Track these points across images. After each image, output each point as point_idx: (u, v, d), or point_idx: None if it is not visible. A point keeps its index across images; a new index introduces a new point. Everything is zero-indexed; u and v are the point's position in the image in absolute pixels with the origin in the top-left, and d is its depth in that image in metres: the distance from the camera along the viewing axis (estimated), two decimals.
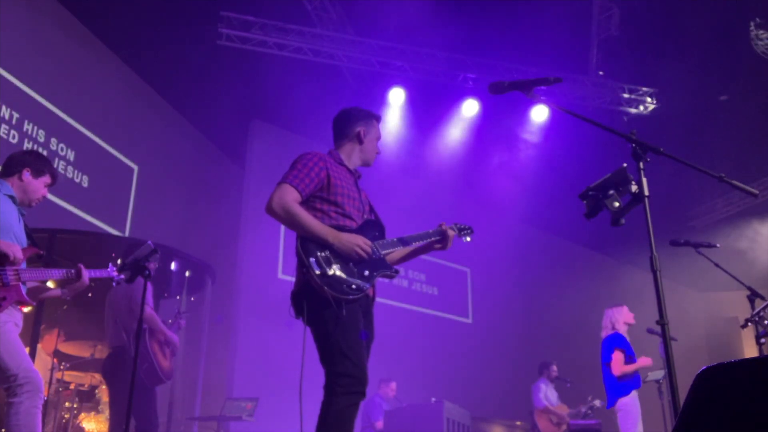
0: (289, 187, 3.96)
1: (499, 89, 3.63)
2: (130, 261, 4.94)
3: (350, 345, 3.80)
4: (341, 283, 3.82)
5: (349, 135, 4.39)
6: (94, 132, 9.73)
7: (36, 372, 4.33)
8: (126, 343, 6.24)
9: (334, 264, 3.84)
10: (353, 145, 4.38)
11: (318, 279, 3.75)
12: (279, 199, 3.92)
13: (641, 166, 3.22)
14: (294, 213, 3.89)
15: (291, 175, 4.02)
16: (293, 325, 4.09)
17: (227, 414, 8.87)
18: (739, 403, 1.97)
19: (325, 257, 3.83)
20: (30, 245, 4.64)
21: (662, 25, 10.00)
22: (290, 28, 10.25)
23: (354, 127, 4.39)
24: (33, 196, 4.79)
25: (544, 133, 11.97)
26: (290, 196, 3.93)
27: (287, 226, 3.95)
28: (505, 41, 10.38)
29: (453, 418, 8.85)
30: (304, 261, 3.79)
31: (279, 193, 3.94)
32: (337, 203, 4.08)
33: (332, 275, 3.81)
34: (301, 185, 3.98)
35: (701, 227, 14.97)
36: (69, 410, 7.27)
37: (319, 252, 3.83)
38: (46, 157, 5.04)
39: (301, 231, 3.87)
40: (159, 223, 10.55)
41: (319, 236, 3.86)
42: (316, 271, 3.77)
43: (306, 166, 4.07)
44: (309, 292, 3.82)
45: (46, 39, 9.08)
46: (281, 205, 3.90)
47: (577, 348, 12.45)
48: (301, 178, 4.01)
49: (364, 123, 4.41)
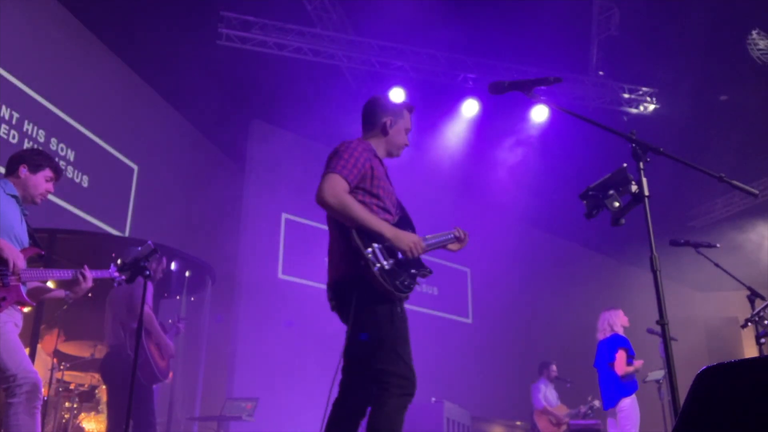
0: (339, 178, 3.79)
1: (499, 89, 3.62)
2: (130, 261, 4.92)
3: (403, 345, 3.71)
4: (397, 278, 3.70)
5: (376, 125, 4.24)
6: (94, 132, 9.73)
7: (35, 372, 4.32)
8: (124, 341, 6.23)
9: (390, 258, 3.71)
10: (379, 136, 4.22)
11: (377, 272, 3.61)
12: (332, 190, 3.75)
13: (641, 166, 3.22)
14: (348, 204, 3.73)
15: (339, 164, 3.84)
16: (293, 325, 4.07)
17: (227, 414, 8.86)
18: (739, 404, 1.97)
19: (382, 250, 3.70)
20: (31, 245, 4.63)
21: (662, 25, 10.00)
22: (290, 28, 10.25)
23: (380, 117, 4.23)
24: (34, 192, 4.72)
25: (544, 134, 11.96)
26: (341, 186, 3.77)
27: (341, 217, 3.77)
28: (505, 41, 10.38)
29: (453, 417, 8.86)
30: (361, 252, 3.63)
31: (330, 183, 3.77)
32: (378, 196, 3.95)
33: (389, 270, 3.67)
34: (350, 176, 3.83)
35: (701, 227, 14.98)
36: (69, 410, 7.26)
37: (375, 244, 3.70)
38: (45, 152, 4.99)
39: (356, 223, 3.70)
40: (159, 223, 10.55)
41: (376, 229, 3.72)
42: (376, 264, 3.63)
43: (352, 155, 3.90)
44: (362, 285, 3.67)
45: (47, 39, 9.08)
46: (335, 196, 3.73)
47: (577, 348, 12.44)
48: (350, 169, 3.84)
49: (391, 113, 4.25)
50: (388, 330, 3.66)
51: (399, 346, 3.67)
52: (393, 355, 3.64)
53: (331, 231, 3.99)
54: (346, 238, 3.73)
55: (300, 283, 11.64)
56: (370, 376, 3.69)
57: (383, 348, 3.65)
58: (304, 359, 10.64)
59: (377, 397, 3.61)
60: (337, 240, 3.88)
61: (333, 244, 3.96)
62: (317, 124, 11.26)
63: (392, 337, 3.66)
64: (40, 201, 4.79)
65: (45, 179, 4.77)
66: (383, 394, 3.60)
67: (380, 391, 3.61)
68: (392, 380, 3.60)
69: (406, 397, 3.64)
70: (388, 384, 3.60)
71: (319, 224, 12.16)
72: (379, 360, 3.64)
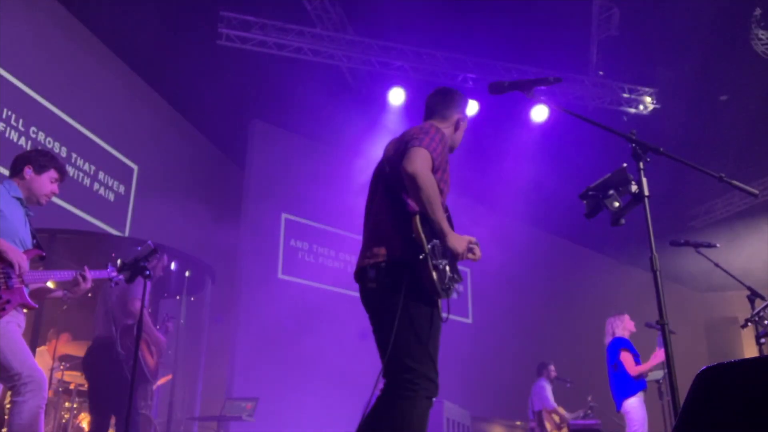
0: (429, 155, 3.50)
1: (499, 89, 3.62)
2: (130, 261, 4.92)
3: (436, 349, 3.55)
4: (445, 280, 3.51)
5: (447, 118, 4.02)
6: (94, 132, 9.74)
7: (40, 371, 4.33)
8: (114, 337, 6.18)
9: (443, 259, 3.51)
10: (450, 130, 4.00)
11: (433, 269, 3.41)
12: (425, 164, 3.46)
13: (641, 166, 3.23)
14: (434, 186, 3.47)
15: (432, 144, 3.55)
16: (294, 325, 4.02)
17: (227, 414, 8.86)
18: (739, 403, 1.97)
19: (438, 248, 3.49)
20: (34, 246, 4.63)
21: (662, 25, 10.00)
22: (290, 28, 10.25)
23: (455, 112, 4.05)
24: (39, 193, 4.71)
25: (544, 134, 11.96)
26: (429, 164, 3.49)
27: (420, 197, 3.44)
28: (505, 41, 10.37)
29: (453, 418, 8.86)
30: (423, 244, 3.43)
31: (423, 156, 3.48)
32: (443, 192, 3.69)
33: (442, 270, 3.48)
34: (437, 159, 3.55)
35: (701, 227, 14.98)
36: (69, 410, 7.27)
37: (434, 239, 3.49)
38: (50, 152, 4.98)
39: (430, 209, 3.45)
40: (159, 223, 10.55)
41: (442, 224, 3.50)
42: (433, 261, 3.42)
43: (441, 140, 3.66)
44: (413, 276, 3.46)
45: (46, 39, 9.08)
46: (426, 171, 3.44)
47: (577, 348, 12.46)
48: (439, 152, 3.58)
49: (462, 110, 4.09)
50: (427, 330, 3.51)
51: (432, 349, 3.53)
52: (426, 357, 3.49)
53: (384, 205, 3.73)
54: (407, 222, 3.51)
55: (300, 283, 11.64)
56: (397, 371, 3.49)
57: (418, 347, 3.48)
58: (303, 359, 10.65)
59: (406, 397, 3.43)
60: (394, 219, 3.63)
61: (385, 222, 3.69)
62: (317, 124, 11.27)
63: (428, 339, 3.51)
64: (45, 202, 4.77)
65: (50, 180, 4.75)
66: (413, 394, 3.43)
67: (410, 391, 3.43)
68: (422, 382, 3.45)
69: (430, 400, 3.50)
70: (418, 385, 3.44)
71: (319, 224, 12.25)
72: (411, 358, 3.46)
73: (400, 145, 3.68)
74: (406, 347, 3.47)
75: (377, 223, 3.72)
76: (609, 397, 8.16)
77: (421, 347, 3.48)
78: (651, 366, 7.89)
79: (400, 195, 3.64)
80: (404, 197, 3.61)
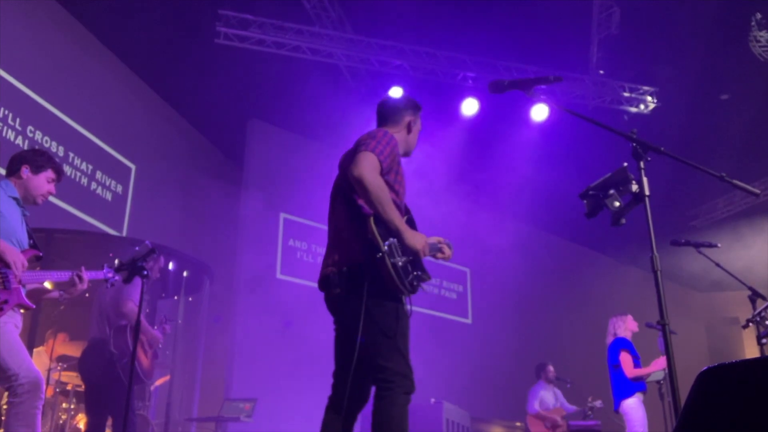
0: (376, 159, 3.62)
1: (499, 88, 3.62)
2: (127, 261, 4.92)
3: (406, 345, 3.66)
4: (408, 277, 3.61)
5: (399, 122, 4.16)
6: (91, 131, 9.73)
7: (37, 372, 4.33)
8: (108, 338, 6.18)
9: (402, 256, 3.59)
10: (400, 134, 4.11)
11: (392, 267, 3.51)
12: (372, 167, 3.58)
13: (642, 166, 3.22)
14: (384, 188, 3.59)
15: (378, 147, 3.67)
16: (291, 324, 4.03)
17: (225, 415, 8.86)
18: (741, 405, 1.97)
19: (396, 246, 3.57)
20: (31, 246, 4.62)
21: (663, 23, 10.00)
22: (288, 26, 10.25)
23: (404, 115, 4.18)
24: (36, 193, 4.70)
25: (544, 133, 11.95)
26: (378, 167, 3.61)
27: (370, 199, 3.56)
28: (505, 40, 10.37)
29: (452, 419, 8.86)
30: (378, 244, 3.52)
31: (370, 160, 3.59)
32: (397, 193, 3.82)
33: (402, 267, 3.57)
34: (385, 162, 3.67)
35: (702, 227, 14.98)
36: (66, 411, 7.27)
37: (391, 238, 3.57)
38: (47, 152, 4.97)
39: (381, 210, 3.56)
40: (157, 223, 10.56)
41: (397, 223, 3.60)
42: (391, 259, 3.52)
43: (389, 143, 3.77)
44: (374, 277, 3.56)
45: (43, 37, 9.08)
46: (374, 175, 3.57)
47: (577, 348, 12.46)
48: (386, 155, 3.69)
49: (412, 113, 4.22)
50: (395, 328, 3.60)
51: (402, 345, 3.62)
52: (397, 354, 3.59)
53: (342, 213, 3.85)
54: (363, 224, 3.62)
55: (298, 283, 11.64)
56: (371, 373, 3.62)
57: (388, 346, 3.58)
58: (302, 359, 10.64)
59: (382, 397, 3.55)
60: (351, 224, 3.76)
61: (344, 228, 3.81)
62: (316, 123, 11.26)
63: (397, 336, 3.60)
64: (41, 202, 4.77)
65: (47, 180, 4.75)
66: (389, 393, 3.54)
67: (385, 390, 3.55)
68: (396, 379, 3.55)
69: (408, 396, 3.59)
70: (393, 383, 3.54)
71: (318, 224, 12.24)
72: (382, 357, 3.58)
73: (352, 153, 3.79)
74: (376, 347, 3.58)
75: (337, 230, 3.87)
76: (609, 397, 8.17)
77: (390, 345, 3.58)
78: (649, 372, 7.89)
79: (355, 200, 3.75)
80: (359, 201, 3.72)
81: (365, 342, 3.57)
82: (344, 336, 3.76)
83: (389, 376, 3.55)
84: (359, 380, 3.67)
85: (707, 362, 2.81)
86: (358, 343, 3.56)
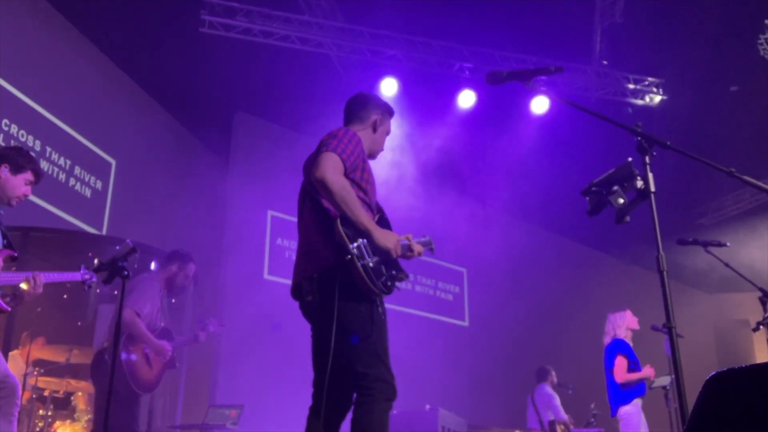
0: (339, 159, 3.71)
1: (498, 79, 3.63)
2: (107, 261, 4.90)
3: (384, 348, 3.70)
4: (380, 278, 3.65)
5: (364, 120, 4.27)
6: (69, 125, 9.69)
7: (13, 377, 4.31)
8: (108, 347, 6.20)
9: (374, 257, 3.65)
10: (365, 132, 4.20)
11: (362, 269, 3.57)
12: (335, 168, 3.66)
13: (647, 161, 3.23)
14: (348, 188, 3.67)
15: (339, 147, 3.76)
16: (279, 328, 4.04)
17: (210, 422, 8.84)
18: (751, 412, 1.96)
19: (366, 247, 3.63)
20: (5, 246, 4.60)
21: (669, 11, 10.01)
22: (277, 14, 10.23)
23: (371, 113, 4.28)
24: (11, 194, 4.67)
25: (545, 126, 11.95)
26: (341, 168, 3.70)
27: (334, 200, 3.65)
28: (503, 29, 10.37)
29: (449, 426, 8.85)
30: (346, 246, 3.59)
31: (332, 161, 3.68)
32: (366, 191, 3.91)
33: (373, 268, 3.61)
34: (348, 161, 3.75)
35: (710, 225, 15.00)
36: (43, 418, 7.25)
37: (360, 239, 3.63)
38: (28, 152, 4.94)
39: (348, 211, 3.63)
40: (138, 221, 10.52)
41: (365, 223, 3.66)
42: (361, 260, 3.58)
43: (351, 141, 3.86)
44: (345, 280, 3.63)
45: (18, 26, 9.02)
46: (337, 176, 3.65)
47: (579, 353, 12.45)
48: (348, 154, 3.77)
49: (380, 112, 4.31)
50: (370, 331, 3.64)
51: (380, 350, 3.66)
52: (375, 358, 3.63)
53: (310, 219, 3.92)
54: (330, 227, 3.68)
55: (287, 284, 11.57)
56: (350, 380, 3.67)
57: (365, 350, 3.63)
58: (290, 364, 10.60)
59: (362, 403, 3.60)
60: (319, 228, 3.83)
61: (312, 234, 3.89)
62: (305, 116, 11.23)
63: (374, 340, 3.65)
64: (15, 204, 4.74)
65: (25, 182, 4.73)
66: (368, 399, 3.59)
67: (365, 397, 3.60)
68: (376, 385, 3.59)
69: (389, 402, 3.63)
70: (372, 389, 3.59)
71: None
72: (361, 362, 3.63)
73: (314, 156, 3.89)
74: (352, 352, 3.63)
75: (306, 236, 3.95)
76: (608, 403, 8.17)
77: (368, 349, 3.64)
78: (636, 377, 7.87)
79: (321, 203, 3.82)
80: (325, 205, 3.80)
81: (341, 348, 3.61)
82: (320, 342, 3.80)
83: (369, 382, 3.60)
84: (338, 387, 3.71)
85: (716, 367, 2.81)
86: (332, 348, 3.59)
